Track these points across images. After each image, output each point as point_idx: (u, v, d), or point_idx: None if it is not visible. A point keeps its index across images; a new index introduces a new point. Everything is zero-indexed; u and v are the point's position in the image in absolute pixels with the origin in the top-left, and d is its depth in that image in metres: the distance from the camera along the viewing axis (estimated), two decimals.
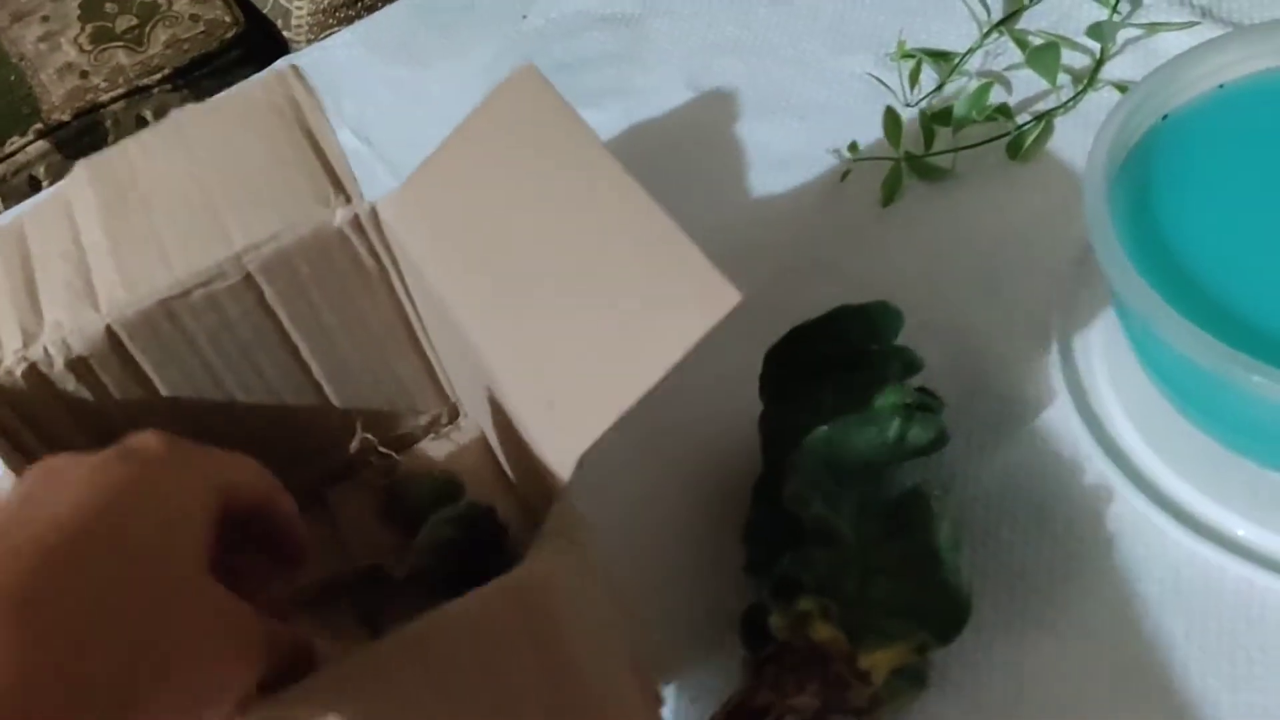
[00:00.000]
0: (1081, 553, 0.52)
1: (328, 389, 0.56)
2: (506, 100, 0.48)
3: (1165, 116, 0.56)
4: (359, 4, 1.05)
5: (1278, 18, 0.59)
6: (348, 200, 0.51)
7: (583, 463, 0.40)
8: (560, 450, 0.41)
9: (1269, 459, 0.50)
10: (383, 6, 0.91)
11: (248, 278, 0.51)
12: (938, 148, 0.68)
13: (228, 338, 0.53)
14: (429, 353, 0.57)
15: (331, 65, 0.85)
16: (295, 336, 0.54)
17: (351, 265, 0.53)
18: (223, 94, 0.64)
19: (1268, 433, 0.49)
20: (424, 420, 0.60)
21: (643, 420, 0.60)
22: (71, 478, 0.37)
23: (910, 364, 0.53)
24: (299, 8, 1.05)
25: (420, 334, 0.56)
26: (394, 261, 0.53)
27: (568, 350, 0.43)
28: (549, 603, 0.38)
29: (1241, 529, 0.50)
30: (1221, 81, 0.57)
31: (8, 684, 0.30)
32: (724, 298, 0.39)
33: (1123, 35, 0.72)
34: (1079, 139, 0.67)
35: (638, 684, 0.43)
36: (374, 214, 0.51)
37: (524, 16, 0.86)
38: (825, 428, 0.48)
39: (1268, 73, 0.57)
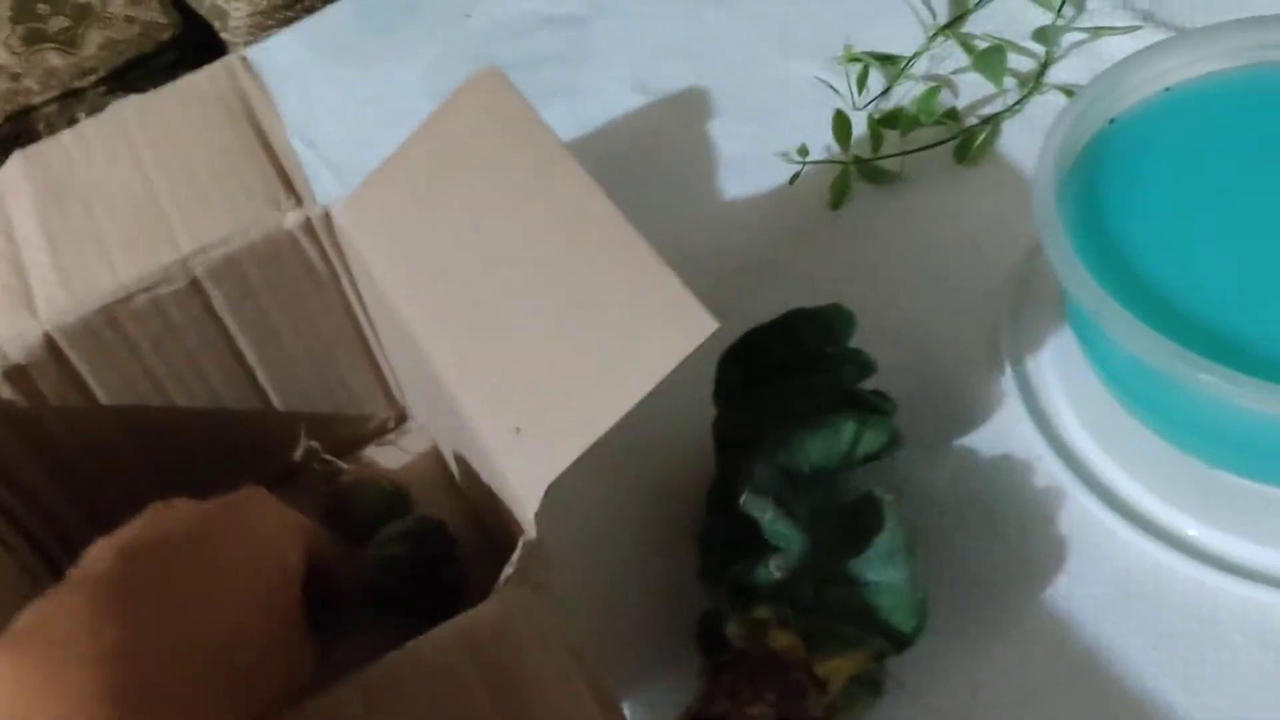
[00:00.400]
0: (1034, 555, 0.52)
1: (272, 393, 0.55)
2: (468, 103, 0.48)
3: (1112, 120, 0.56)
4: (298, 4, 1.03)
5: (1219, 21, 0.60)
6: (299, 202, 0.50)
7: (549, 491, 0.40)
8: (527, 479, 0.40)
9: (1218, 458, 0.51)
10: (322, 7, 0.90)
11: (194, 283, 0.50)
12: (886, 151, 0.68)
13: (171, 343, 0.52)
14: (379, 357, 0.56)
15: (272, 66, 0.83)
16: (241, 341, 0.53)
17: (302, 269, 0.52)
18: (168, 86, 0.62)
19: (1217, 432, 0.49)
20: (372, 424, 0.59)
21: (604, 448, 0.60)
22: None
23: (864, 366, 0.52)
24: (237, 9, 1.03)
25: (370, 338, 0.55)
26: (345, 266, 0.52)
27: (535, 373, 0.42)
28: (507, 650, 0.37)
29: (1192, 529, 0.50)
30: (1167, 85, 0.57)
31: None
32: (699, 325, 0.38)
33: (1067, 39, 0.73)
34: (1025, 142, 0.68)
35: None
36: (327, 217, 0.50)
37: (468, 16, 0.85)
38: (779, 434, 0.48)
39: (1212, 76, 0.58)
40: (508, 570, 0.39)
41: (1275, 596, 0.48)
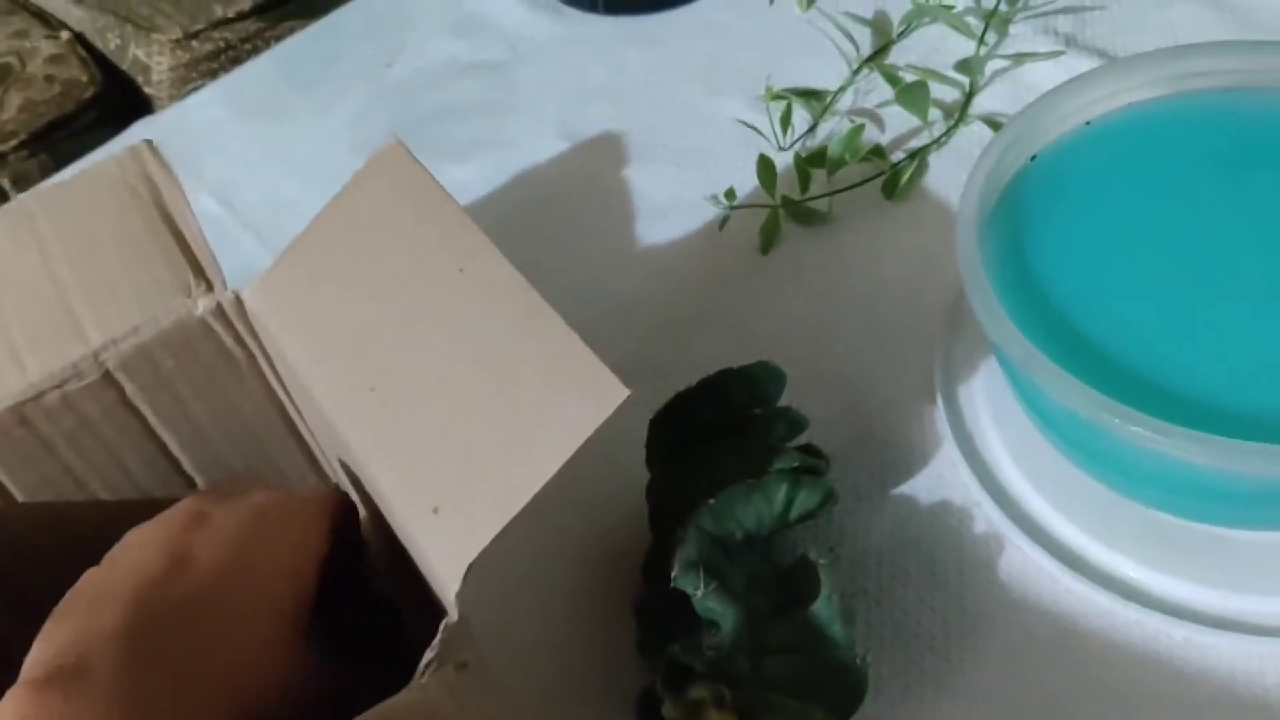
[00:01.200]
0: (976, 605, 0.51)
1: (200, 482, 0.54)
2: (373, 178, 0.47)
3: (1034, 157, 0.56)
4: (221, 57, 1.02)
5: (1140, 51, 0.60)
6: (209, 288, 0.49)
7: (471, 570, 0.39)
8: (447, 559, 0.39)
9: (1155, 501, 0.50)
10: (246, 60, 0.88)
11: (106, 375, 0.49)
12: (814, 190, 0.68)
13: (88, 438, 0.50)
14: (309, 441, 0.55)
15: (191, 127, 0.83)
16: (162, 432, 0.52)
17: (218, 355, 0.50)
18: (74, 173, 0.61)
19: (1151, 477, 0.49)
20: None
21: (542, 512, 0.59)
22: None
23: (795, 423, 0.52)
24: (159, 63, 1.01)
25: (298, 422, 0.54)
26: (262, 349, 0.51)
27: (450, 450, 0.41)
28: None
29: (1132, 571, 0.50)
30: (1089, 118, 0.57)
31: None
32: (611, 393, 0.38)
33: (991, 66, 0.73)
34: (953, 174, 0.67)
35: None
36: (238, 301, 0.49)
37: (389, 66, 0.84)
38: (711, 501, 0.47)
39: (1133, 107, 0.58)
40: (429, 654, 0.38)
41: (1217, 637, 0.48)
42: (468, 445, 0.41)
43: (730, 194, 0.68)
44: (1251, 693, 0.47)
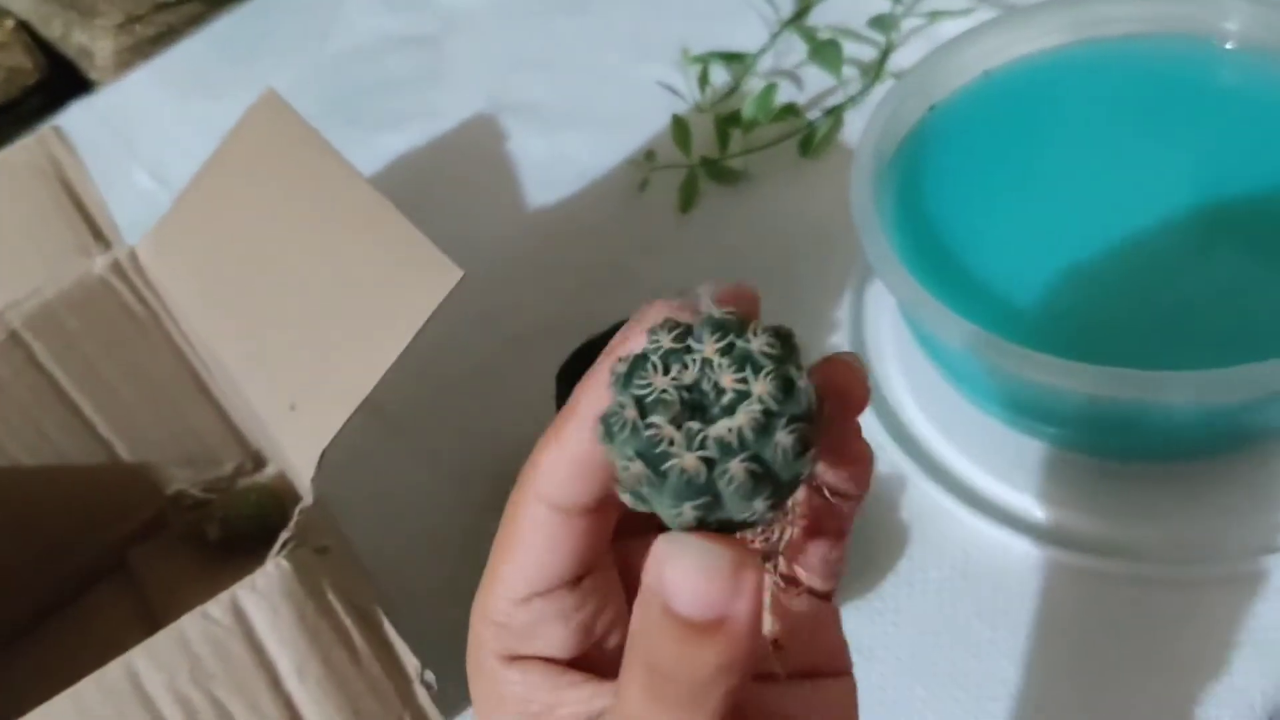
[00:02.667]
0: (878, 541, 0.52)
1: (117, 445, 0.55)
2: (251, 128, 0.49)
3: (932, 107, 0.57)
4: (164, 40, 1.02)
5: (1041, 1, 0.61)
6: (107, 247, 0.50)
7: (324, 458, 0.41)
8: (303, 449, 0.42)
9: (1049, 437, 0.51)
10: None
11: (13, 335, 0.50)
12: (734, 150, 0.69)
13: (3, 400, 0.51)
14: (220, 399, 0.56)
15: (127, 106, 0.83)
16: (74, 394, 0.53)
17: (121, 313, 0.51)
18: None
19: (1041, 411, 0.50)
20: (227, 469, 0.59)
21: (444, 448, 0.60)
22: None
23: None
24: (102, 48, 1.02)
25: (208, 380, 0.55)
26: (165, 307, 0.52)
27: (306, 354, 0.44)
28: (282, 609, 0.38)
29: (1029, 506, 0.51)
30: (986, 68, 0.58)
31: None
32: (446, 275, 0.41)
33: (908, 24, 0.74)
34: None
35: None
36: (134, 257, 0.50)
37: (323, 39, 0.85)
38: None
39: (1030, 57, 0.59)
40: (284, 535, 0.40)
41: (1110, 565, 0.49)
42: (320, 345, 0.44)
43: (650, 156, 0.69)
44: (1139, 614, 0.48)
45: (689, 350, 0.22)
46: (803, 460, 0.22)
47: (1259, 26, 0.55)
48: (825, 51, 0.69)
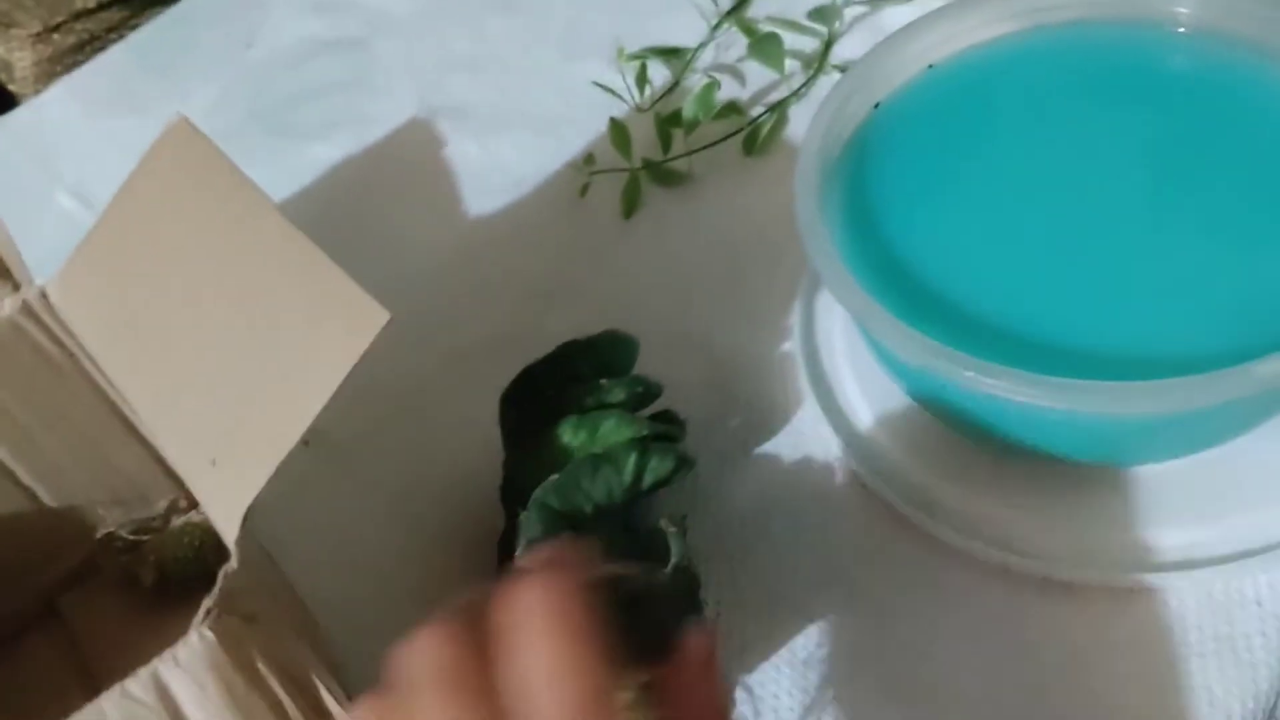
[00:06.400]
0: (839, 561, 0.51)
1: (40, 491, 0.53)
2: (160, 159, 0.46)
3: (877, 105, 0.55)
4: (86, 49, 0.99)
5: None
6: (16, 288, 0.48)
7: (249, 517, 0.39)
8: (226, 507, 0.40)
9: (1004, 446, 0.50)
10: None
11: None
12: (676, 150, 0.67)
13: None
14: (150, 436, 0.54)
15: (46, 125, 0.80)
16: None
17: (34, 356, 0.49)
18: None
19: (998, 422, 0.48)
20: (160, 507, 0.57)
21: (387, 476, 0.58)
22: None
23: (648, 391, 0.51)
24: (21, 59, 0.98)
25: (134, 417, 0.53)
26: (82, 347, 0.49)
27: (224, 402, 0.42)
28: (208, 682, 0.36)
29: (989, 515, 0.50)
30: (931, 61, 0.57)
31: None
32: (371, 318, 0.39)
33: (851, 13, 0.72)
34: None
35: None
36: (44, 297, 0.48)
37: (248, 47, 0.82)
38: (555, 477, 0.46)
39: (975, 48, 0.57)
40: (207, 603, 0.37)
41: (1072, 573, 0.48)
42: (240, 394, 0.42)
43: (590, 159, 0.67)
44: (1110, 628, 0.47)
45: None
46: None
47: (1212, 10, 0.53)
48: (765, 46, 0.67)
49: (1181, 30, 0.54)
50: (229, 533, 0.38)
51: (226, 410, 0.42)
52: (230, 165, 0.44)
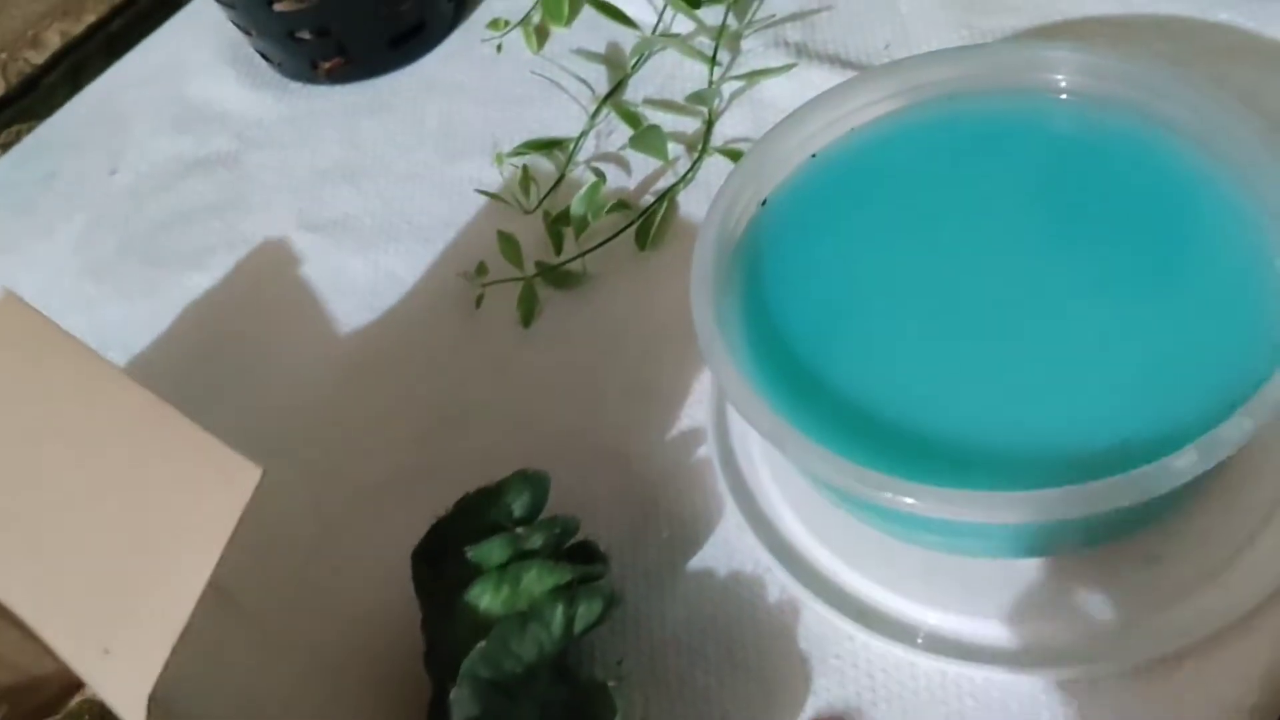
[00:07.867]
0: (777, 679, 0.49)
1: None
2: None
3: (764, 202, 0.54)
4: None
5: (872, 49, 0.58)
6: None
7: (154, 702, 0.38)
8: (126, 698, 0.38)
9: (934, 545, 0.49)
10: None
11: None
12: (570, 249, 0.65)
13: None
14: (37, 633, 0.51)
15: None
16: None
17: None
18: None
19: (924, 525, 0.47)
20: (52, 689, 0.53)
21: (300, 633, 0.55)
22: None
23: (565, 531, 0.49)
24: None
25: (9, 599, 0.50)
26: None
27: (107, 586, 0.41)
28: None
29: (929, 619, 0.49)
30: (814, 151, 0.56)
31: None
32: (245, 475, 0.38)
33: (729, 89, 0.71)
34: (704, 210, 0.65)
35: None
36: None
37: (113, 173, 0.79)
38: (482, 645, 0.44)
39: (857, 132, 0.56)
40: None
41: (1015, 674, 0.47)
42: (122, 576, 0.41)
43: (482, 269, 0.65)
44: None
45: None
46: None
47: (1089, 76, 0.53)
48: (648, 138, 0.66)
49: (1063, 97, 0.54)
50: None
51: (111, 595, 0.41)
52: (67, 336, 0.44)
